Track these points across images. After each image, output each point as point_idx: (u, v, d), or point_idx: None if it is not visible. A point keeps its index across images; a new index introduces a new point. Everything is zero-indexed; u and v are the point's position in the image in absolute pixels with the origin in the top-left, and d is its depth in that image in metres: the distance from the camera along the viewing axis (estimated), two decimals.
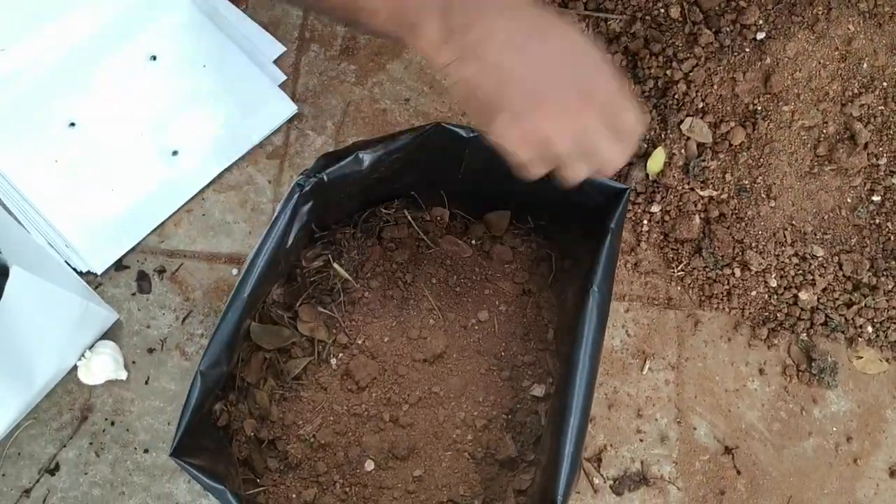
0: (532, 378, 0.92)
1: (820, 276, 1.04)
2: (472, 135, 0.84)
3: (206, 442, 0.81)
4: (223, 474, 0.76)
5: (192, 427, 0.76)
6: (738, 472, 1.01)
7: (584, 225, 0.90)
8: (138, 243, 1.04)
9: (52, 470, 0.97)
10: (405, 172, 0.89)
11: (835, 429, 1.03)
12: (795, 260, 1.04)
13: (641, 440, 1.01)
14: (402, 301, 0.94)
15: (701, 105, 1.06)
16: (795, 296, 1.04)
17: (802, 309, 1.04)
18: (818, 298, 1.04)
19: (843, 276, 1.05)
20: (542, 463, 0.83)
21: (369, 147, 0.82)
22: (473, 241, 0.98)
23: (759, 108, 1.04)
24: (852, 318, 1.05)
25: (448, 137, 0.84)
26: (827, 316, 1.04)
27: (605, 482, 1.00)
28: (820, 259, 1.04)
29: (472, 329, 0.94)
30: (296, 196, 0.79)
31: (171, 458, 0.73)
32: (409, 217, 0.95)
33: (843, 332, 1.05)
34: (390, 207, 0.95)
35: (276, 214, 0.79)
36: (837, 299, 1.04)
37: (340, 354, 0.92)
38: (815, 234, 1.05)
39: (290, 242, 0.81)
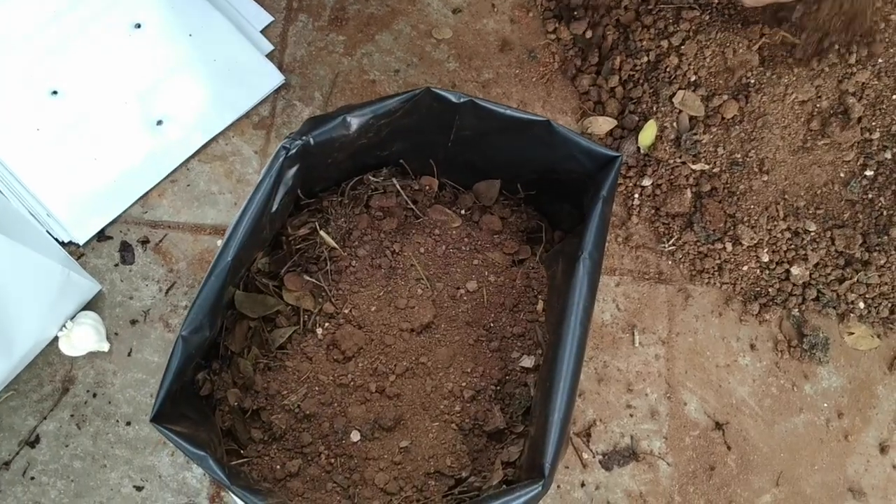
0: (521, 349, 0.91)
1: (812, 251, 1.03)
2: (462, 100, 0.82)
3: (188, 411, 0.79)
4: (205, 443, 0.74)
5: (173, 394, 0.75)
6: (729, 448, 1.00)
7: (574, 196, 0.89)
8: (121, 214, 1.02)
9: (33, 442, 0.95)
10: (394, 139, 0.88)
11: (826, 405, 1.02)
12: (788, 235, 1.03)
13: (631, 415, 1.00)
14: (389, 270, 0.92)
15: (693, 78, 1.05)
16: (787, 271, 1.03)
17: (794, 284, 1.03)
18: (810, 274, 1.04)
19: (836, 251, 1.04)
20: (530, 434, 0.82)
21: (357, 110, 0.81)
22: (463, 211, 0.96)
23: (753, 81, 1.03)
24: (844, 294, 1.04)
25: (438, 103, 0.83)
26: (819, 291, 1.04)
27: (594, 457, 0.99)
28: (812, 234, 1.03)
29: (460, 299, 0.93)
30: (281, 159, 0.77)
31: (152, 424, 0.71)
32: (398, 186, 0.93)
33: (834, 307, 1.04)
34: (378, 175, 0.94)
35: (260, 178, 0.78)
36: (829, 275, 1.03)
37: (326, 324, 0.91)
38: (808, 209, 1.04)
39: (275, 207, 0.80)
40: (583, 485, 0.98)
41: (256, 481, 0.77)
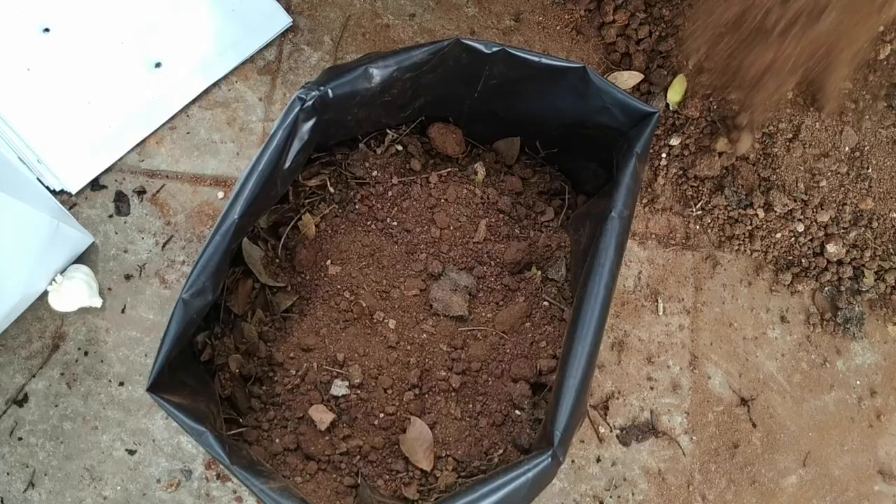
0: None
1: None
2: (493, 50, 0.76)
3: (186, 377, 0.74)
4: (204, 413, 0.69)
5: (171, 360, 0.69)
6: (754, 425, 0.95)
7: (601, 154, 0.83)
8: (117, 162, 0.96)
9: (21, 401, 0.90)
10: (417, 96, 0.81)
11: (858, 382, 0.97)
12: None
13: (652, 388, 0.95)
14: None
15: None
16: (822, 244, 0.97)
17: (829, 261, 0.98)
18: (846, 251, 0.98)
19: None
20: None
21: (380, 61, 0.74)
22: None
23: None
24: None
25: (467, 54, 0.77)
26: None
27: (611, 431, 0.94)
28: None
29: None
30: (296, 110, 0.71)
31: (149, 394, 0.66)
32: (419, 143, 0.87)
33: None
34: (397, 131, 0.87)
35: (272, 130, 0.71)
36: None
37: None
38: None
39: (288, 163, 0.73)
40: (598, 460, 0.93)
41: (257, 461, 0.71)
